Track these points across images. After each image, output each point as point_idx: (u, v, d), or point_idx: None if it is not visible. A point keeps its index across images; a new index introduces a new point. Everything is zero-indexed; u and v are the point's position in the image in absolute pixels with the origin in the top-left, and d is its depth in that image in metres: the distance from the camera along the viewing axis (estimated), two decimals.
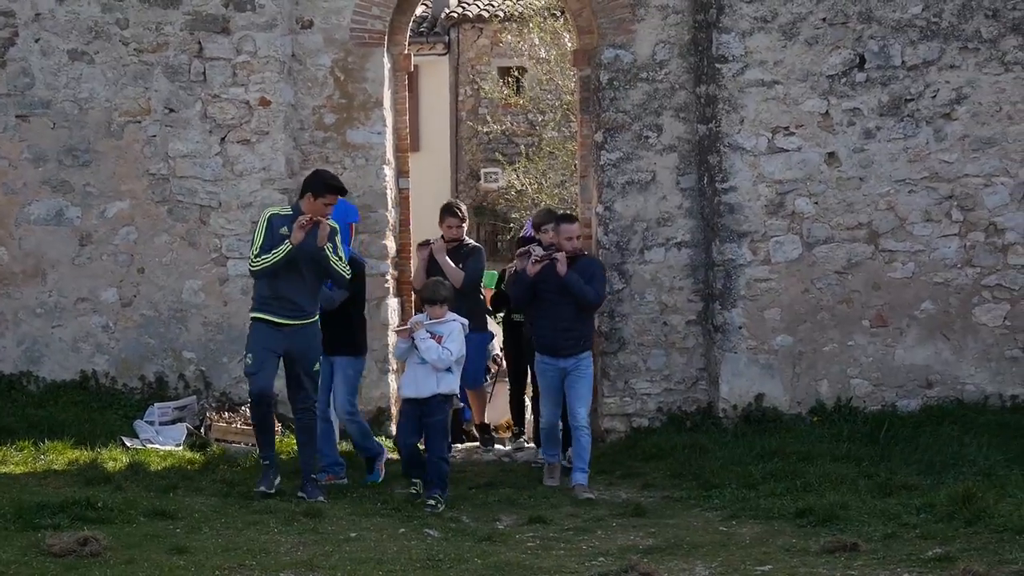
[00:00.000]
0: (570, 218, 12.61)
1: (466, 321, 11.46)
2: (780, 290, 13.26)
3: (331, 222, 10.88)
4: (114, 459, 11.63)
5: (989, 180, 13.31)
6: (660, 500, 11.16)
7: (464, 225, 13.59)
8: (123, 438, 12.44)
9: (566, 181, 27.31)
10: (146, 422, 12.93)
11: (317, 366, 11.00)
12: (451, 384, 11.17)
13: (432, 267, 13.14)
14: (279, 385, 11.18)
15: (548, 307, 11.92)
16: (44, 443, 11.94)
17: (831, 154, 13.32)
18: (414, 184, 15.02)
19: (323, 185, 10.92)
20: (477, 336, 12.93)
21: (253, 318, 10.88)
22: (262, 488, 10.68)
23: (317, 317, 10.99)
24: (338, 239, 10.94)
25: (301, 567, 8.49)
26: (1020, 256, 13.31)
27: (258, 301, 10.88)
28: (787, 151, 13.29)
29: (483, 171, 31.93)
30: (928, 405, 13.21)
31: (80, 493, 10.09)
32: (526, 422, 14.89)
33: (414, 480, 11.20)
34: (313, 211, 10.76)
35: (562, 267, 11.78)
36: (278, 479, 10.84)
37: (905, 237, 13.32)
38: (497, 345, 15.78)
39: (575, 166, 19.08)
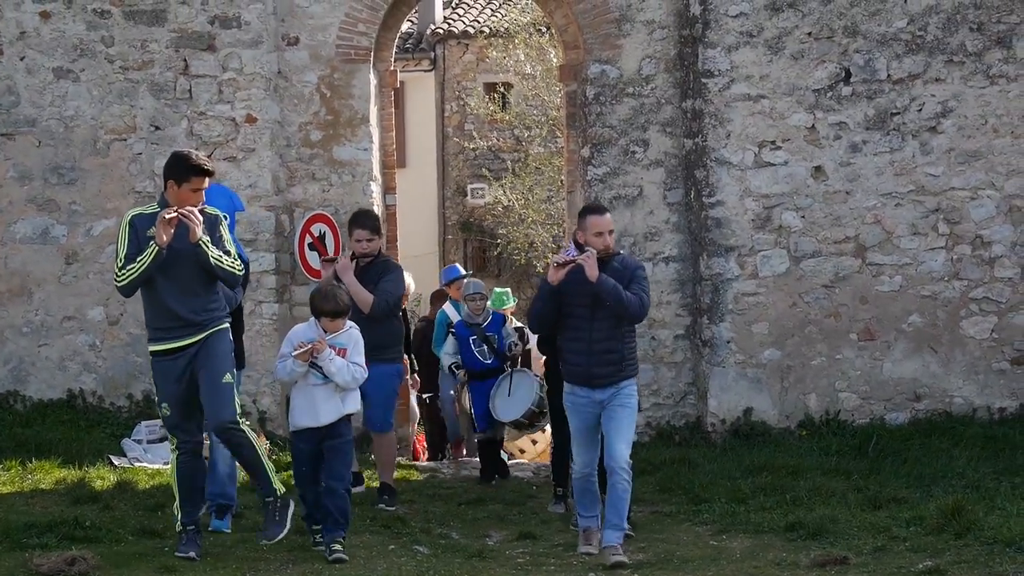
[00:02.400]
0: (599, 208, 10.01)
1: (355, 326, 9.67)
2: (768, 304, 13.27)
3: (212, 209, 9.05)
4: (102, 478, 11.58)
5: (975, 193, 13.33)
6: (649, 515, 11.12)
7: (377, 239, 11.44)
8: (111, 456, 12.39)
9: (553, 196, 27.36)
10: (134, 440, 12.89)
11: (228, 376, 8.86)
12: (356, 401, 9.55)
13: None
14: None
15: (578, 324, 9.53)
16: (31, 462, 11.88)
17: (818, 168, 13.34)
18: (401, 200, 15.03)
19: (185, 168, 8.85)
20: (387, 368, 11.08)
21: (151, 353, 9.02)
22: (190, 554, 8.92)
23: (225, 324, 9.01)
24: (224, 229, 9.04)
25: None
26: (1007, 269, 13.33)
27: (149, 329, 8.99)
28: (774, 165, 13.31)
29: (470, 187, 31.95)
30: (916, 418, 13.23)
31: (68, 512, 10.04)
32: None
33: (315, 527, 9.42)
34: (179, 201, 8.78)
35: (592, 270, 9.26)
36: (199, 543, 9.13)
37: (892, 250, 13.34)
38: (513, 323, 13.78)
39: (562, 181, 19.09)
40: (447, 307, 14.69)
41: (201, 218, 8.67)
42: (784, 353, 13.27)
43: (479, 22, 32.05)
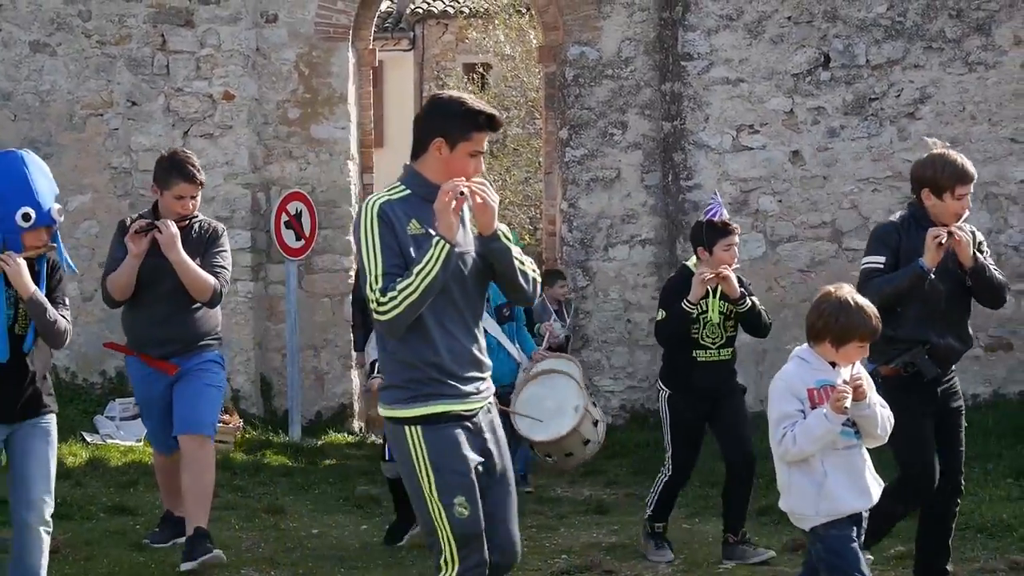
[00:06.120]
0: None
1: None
2: None
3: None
4: (74, 454, 11.54)
5: None
6: (623, 498, 11.13)
7: (199, 195, 8.27)
8: (83, 433, 12.35)
9: (530, 178, 27.33)
10: (107, 417, 12.85)
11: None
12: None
13: (155, 269, 7.96)
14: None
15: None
16: None
17: (795, 152, 13.35)
18: (378, 180, 14.95)
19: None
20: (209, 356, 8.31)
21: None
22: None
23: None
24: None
25: (263, 564, 8.43)
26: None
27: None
28: (751, 149, 13.32)
29: None
30: None
31: None
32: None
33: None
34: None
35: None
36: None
37: (868, 236, 13.34)
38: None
39: (540, 163, 19.07)
40: None
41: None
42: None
43: (459, 2, 31.94)
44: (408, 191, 5.27)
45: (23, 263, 6.27)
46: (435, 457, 5.17)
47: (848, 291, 5.77)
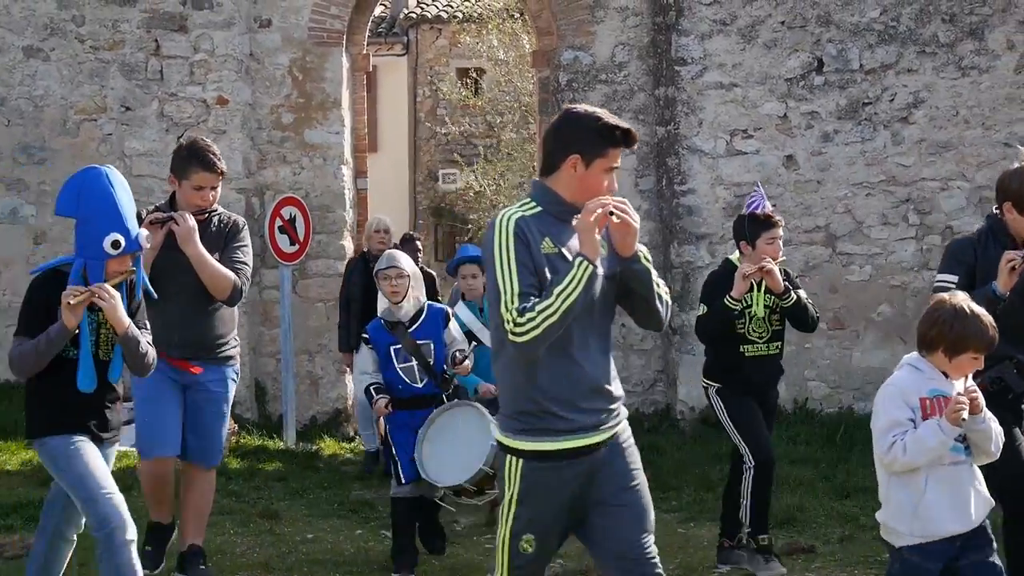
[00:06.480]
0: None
1: None
2: None
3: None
4: None
5: (946, 184, 13.38)
6: None
7: (219, 186, 7.92)
8: None
9: (524, 183, 27.30)
10: None
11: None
12: None
13: (171, 263, 7.53)
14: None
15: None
16: None
17: (789, 157, 13.36)
18: (372, 185, 15.00)
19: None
20: (222, 371, 7.95)
21: None
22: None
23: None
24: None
25: (257, 568, 8.43)
26: None
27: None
28: (745, 154, 13.33)
29: (441, 172, 31.90)
30: None
31: (33, 494, 9.99)
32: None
33: None
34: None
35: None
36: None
37: (862, 240, 13.38)
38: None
39: (533, 167, 19.07)
40: (459, 309, 10.07)
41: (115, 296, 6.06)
42: None
43: (452, 7, 31.97)
44: (539, 208, 5.03)
45: (118, 297, 5.96)
46: (524, 495, 5.03)
47: (963, 299, 5.51)
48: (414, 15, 32.11)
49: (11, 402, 13.01)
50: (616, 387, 5.17)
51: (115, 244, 5.93)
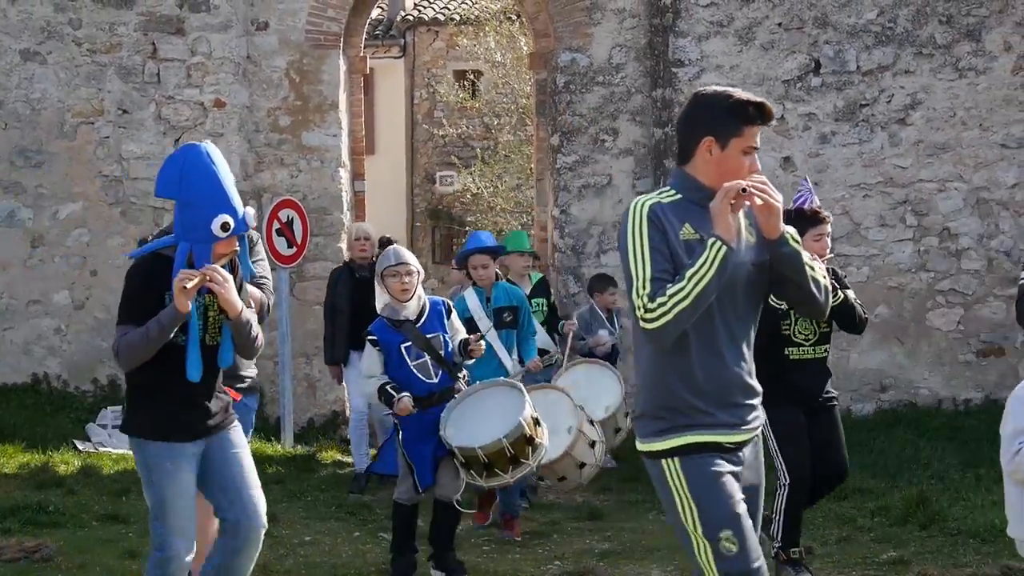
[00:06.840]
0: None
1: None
2: None
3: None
4: (66, 462, 11.53)
5: (943, 185, 13.38)
6: (616, 504, 11.13)
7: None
8: (75, 441, 12.34)
9: (522, 184, 27.34)
10: (99, 425, 12.83)
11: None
12: None
13: None
14: None
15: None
16: None
17: (786, 159, 13.37)
18: (369, 187, 14.99)
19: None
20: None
21: None
22: None
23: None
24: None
25: (256, 571, 8.38)
26: (973, 261, 13.39)
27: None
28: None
29: (438, 174, 31.87)
30: (882, 409, 13.28)
31: (32, 497, 10.00)
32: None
33: None
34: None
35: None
36: None
37: (860, 241, 13.38)
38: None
39: (531, 169, 19.08)
40: (467, 293, 10.11)
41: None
42: None
43: (449, 9, 31.96)
44: (679, 195, 4.79)
45: (231, 279, 5.66)
46: (696, 490, 4.61)
47: None
48: (411, 17, 32.09)
49: (8, 406, 13.02)
50: (756, 383, 4.85)
51: (224, 226, 5.64)
